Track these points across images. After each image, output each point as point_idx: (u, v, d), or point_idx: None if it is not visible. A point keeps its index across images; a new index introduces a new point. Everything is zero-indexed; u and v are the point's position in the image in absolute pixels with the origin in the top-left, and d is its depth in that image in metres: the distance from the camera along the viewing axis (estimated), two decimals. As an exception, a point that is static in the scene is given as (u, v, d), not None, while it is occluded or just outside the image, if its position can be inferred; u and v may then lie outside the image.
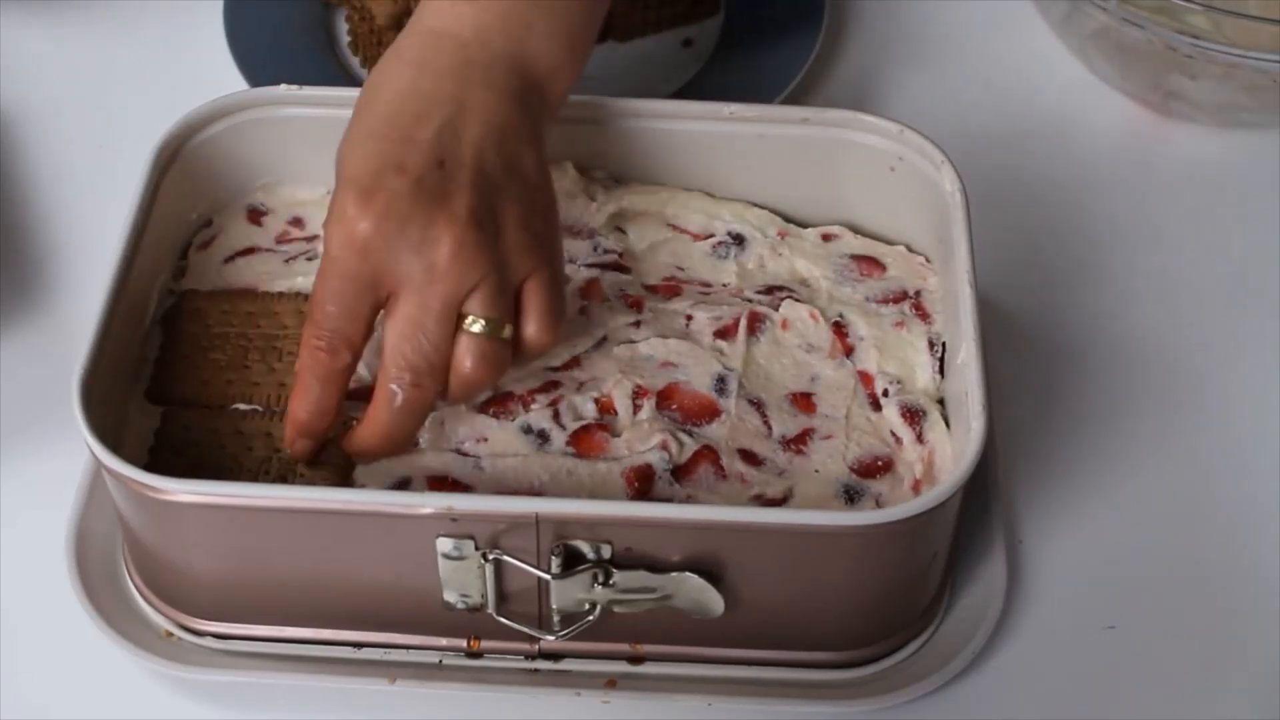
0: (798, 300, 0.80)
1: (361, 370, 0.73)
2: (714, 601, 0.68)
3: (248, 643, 0.73)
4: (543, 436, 0.74)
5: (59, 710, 0.73)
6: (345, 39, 1.02)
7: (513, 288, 0.70)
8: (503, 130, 0.71)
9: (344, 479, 0.72)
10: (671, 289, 0.81)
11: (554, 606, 0.68)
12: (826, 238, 0.83)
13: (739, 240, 0.83)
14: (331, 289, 0.69)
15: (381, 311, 0.70)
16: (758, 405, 0.76)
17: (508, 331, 0.70)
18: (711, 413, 0.75)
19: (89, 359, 0.69)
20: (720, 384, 0.76)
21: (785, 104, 0.95)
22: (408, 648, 0.73)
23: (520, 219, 0.70)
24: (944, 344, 0.77)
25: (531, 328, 0.71)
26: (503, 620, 0.70)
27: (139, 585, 0.75)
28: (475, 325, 0.69)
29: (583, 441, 0.74)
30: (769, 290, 0.81)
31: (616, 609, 0.68)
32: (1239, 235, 0.95)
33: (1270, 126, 1.00)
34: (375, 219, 0.68)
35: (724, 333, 0.78)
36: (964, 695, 0.74)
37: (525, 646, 0.72)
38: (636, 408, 0.75)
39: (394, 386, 0.69)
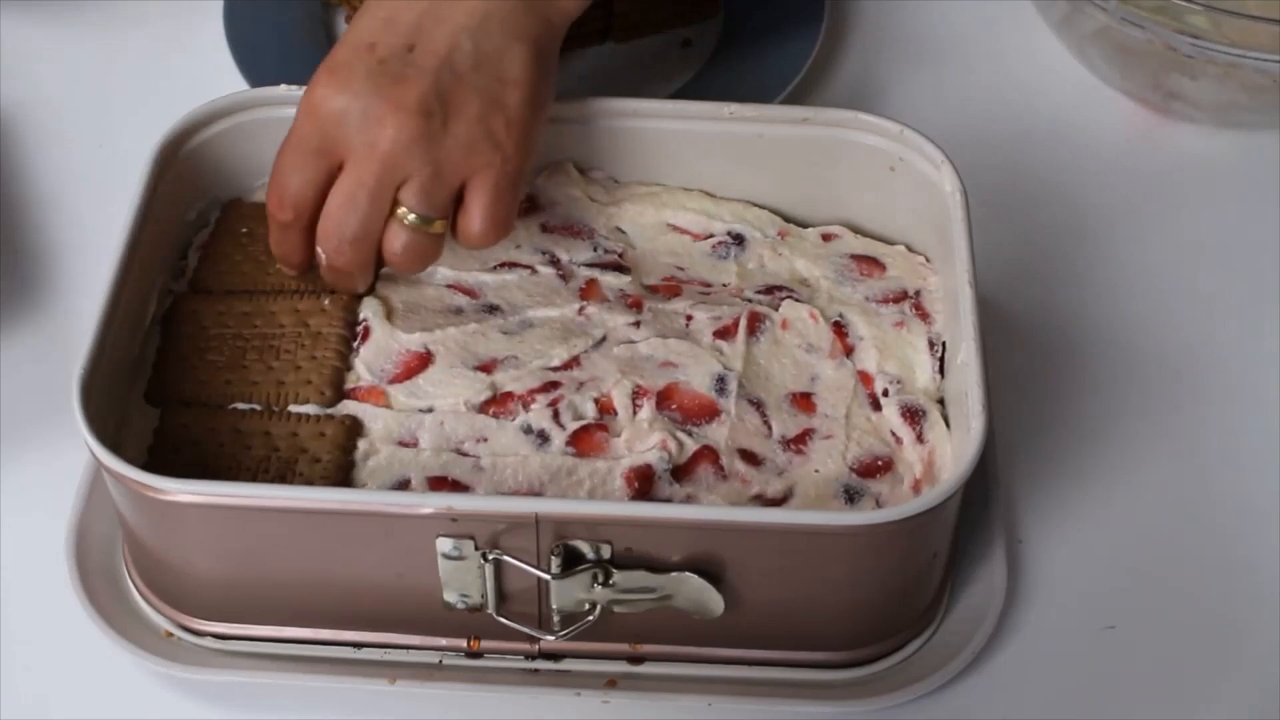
0: (798, 300, 0.80)
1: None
2: (714, 601, 0.68)
3: (248, 643, 0.73)
4: (543, 436, 0.74)
5: (59, 710, 0.73)
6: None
7: (453, 182, 0.72)
8: (489, 20, 0.71)
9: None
10: (671, 289, 0.81)
11: (554, 606, 0.68)
12: (826, 238, 0.83)
13: (739, 240, 0.83)
14: (288, 149, 0.73)
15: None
16: (757, 405, 0.76)
17: (438, 226, 0.73)
18: (711, 413, 0.75)
19: (89, 359, 0.69)
20: (720, 384, 0.76)
21: (785, 104, 0.95)
22: (408, 648, 0.73)
23: (477, 115, 0.71)
24: (944, 344, 0.77)
25: (468, 224, 0.73)
26: (503, 620, 0.70)
27: (139, 585, 0.75)
28: (407, 216, 0.72)
29: (583, 441, 0.74)
30: (769, 290, 0.81)
31: (616, 609, 0.68)
32: (1239, 235, 0.95)
33: (1270, 126, 1.00)
34: (334, 90, 0.71)
35: (724, 333, 0.78)
36: (964, 695, 0.74)
37: (525, 646, 0.72)
38: (636, 408, 0.75)
39: (320, 250, 0.74)
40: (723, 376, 0.76)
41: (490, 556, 0.67)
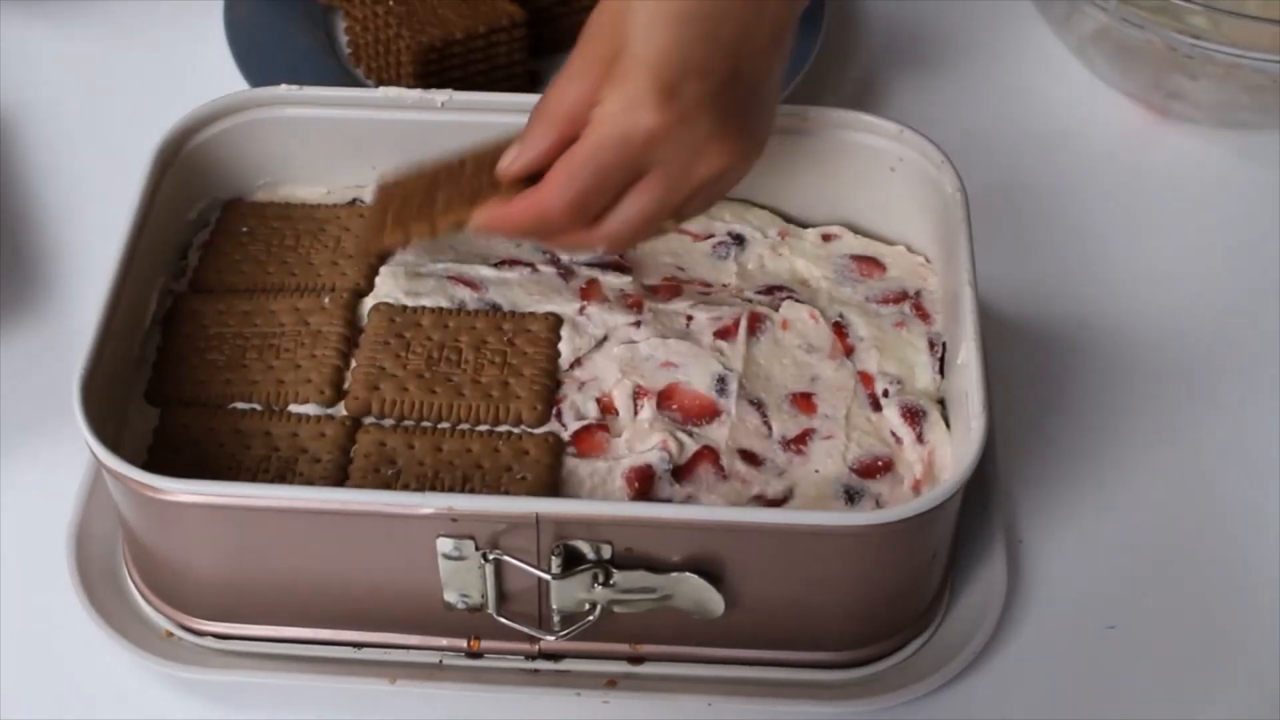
0: (798, 300, 0.80)
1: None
2: (714, 601, 0.68)
3: (248, 643, 0.73)
4: (543, 436, 0.74)
5: (59, 710, 0.73)
6: (344, 38, 1.02)
7: (679, 214, 0.72)
8: (783, 45, 0.70)
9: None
10: (672, 289, 0.81)
11: (554, 606, 0.68)
12: (826, 238, 0.83)
13: (739, 240, 0.83)
14: (592, 161, 0.68)
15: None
16: (758, 405, 0.76)
17: (670, 226, 0.73)
18: (711, 413, 0.75)
19: (89, 359, 0.69)
20: (720, 384, 0.76)
21: (785, 104, 0.95)
22: (408, 648, 0.73)
23: (756, 149, 0.71)
24: (944, 344, 0.77)
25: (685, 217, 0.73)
26: (503, 620, 0.70)
27: (139, 585, 0.75)
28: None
29: (583, 441, 0.74)
30: (769, 290, 0.81)
31: (616, 609, 0.68)
32: (1239, 235, 0.95)
33: (1270, 126, 1.00)
34: (669, 122, 0.67)
35: (724, 333, 0.78)
36: (964, 695, 0.74)
37: (525, 646, 0.72)
38: (637, 408, 0.75)
39: (607, 248, 0.74)
40: (723, 377, 0.76)
41: (490, 556, 0.67)
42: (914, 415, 0.75)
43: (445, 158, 0.78)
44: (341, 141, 0.83)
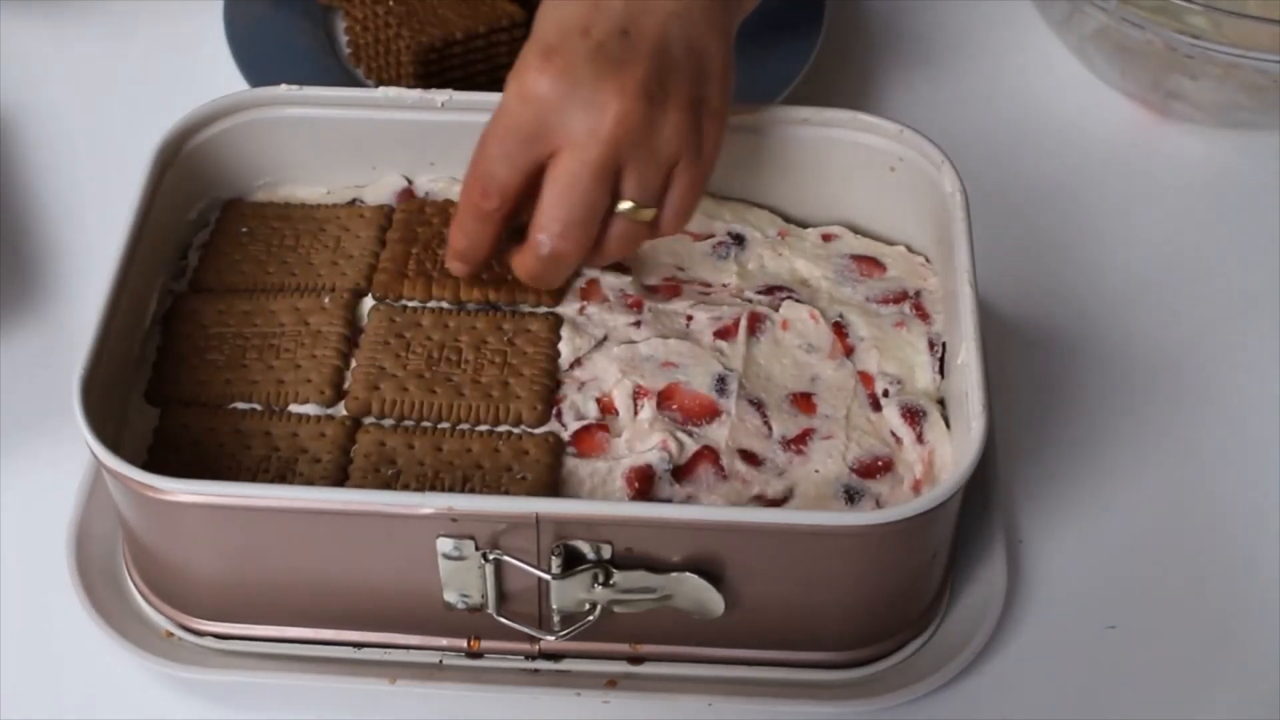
0: (798, 300, 0.80)
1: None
2: (714, 601, 0.68)
3: (248, 643, 0.73)
4: (543, 436, 0.74)
5: (59, 710, 0.73)
6: (344, 38, 1.02)
7: (667, 171, 0.71)
8: (693, 9, 0.70)
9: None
10: (671, 289, 0.81)
11: (554, 606, 0.68)
12: (826, 238, 0.83)
13: (739, 240, 0.83)
14: (497, 135, 0.71)
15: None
16: (758, 405, 0.76)
17: (648, 215, 0.72)
18: (711, 413, 0.75)
19: (89, 359, 0.69)
20: (720, 384, 0.76)
21: (785, 104, 0.95)
22: (408, 648, 0.73)
23: (688, 102, 0.70)
24: (944, 344, 0.77)
25: (667, 217, 0.73)
26: (503, 620, 0.70)
27: (139, 585, 0.75)
28: (623, 206, 0.71)
29: (583, 441, 0.74)
30: (769, 290, 0.81)
31: (616, 609, 0.68)
32: (1239, 235, 0.95)
33: (1270, 126, 1.00)
34: (551, 76, 0.69)
35: (724, 333, 0.78)
36: (964, 695, 0.74)
37: (525, 646, 0.72)
38: (637, 408, 0.75)
39: (542, 236, 0.71)
40: (723, 377, 0.76)
41: (490, 556, 0.67)
42: (914, 415, 0.75)
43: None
44: (341, 141, 0.83)
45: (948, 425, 0.75)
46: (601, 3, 0.70)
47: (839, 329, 0.79)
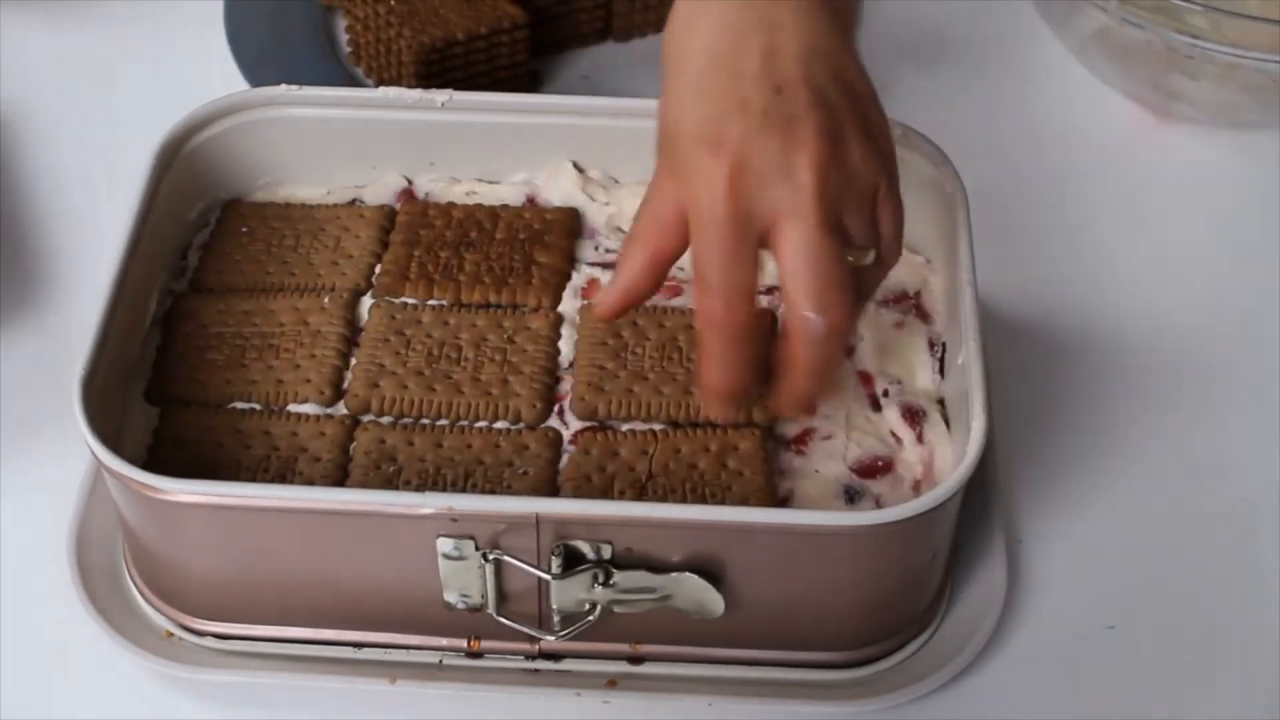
0: (798, 300, 0.79)
1: None
2: (714, 601, 0.68)
3: (248, 643, 0.73)
4: (543, 436, 0.74)
5: (59, 710, 0.73)
6: (344, 37, 1.02)
7: (870, 203, 0.67)
8: (819, 44, 0.67)
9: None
10: (672, 289, 0.81)
11: (554, 606, 0.68)
12: (826, 238, 0.83)
13: (739, 240, 0.83)
14: (711, 243, 0.65)
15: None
16: (758, 405, 0.76)
17: (870, 255, 0.68)
18: (711, 413, 0.75)
19: (89, 359, 0.69)
20: (720, 384, 0.76)
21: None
22: (408, 648, 0.73)
23: (861, 131, 0.67)
24: (944, 344, 0.77)
25: (887, 245, 0.69)
26: (503, 620, 0.70)
27: (139, 585, 0.75)
28: (855, 254, 0.67)
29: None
30: (769, 290, 0.81)
31: (616, 609, 0.68)
32: (1239, 235, 0.95)
33: (1270, 126, 1.00)
34: (734, 162, 0.65)
35: (724, 333, 0.78)
36: (964, 695, 0.74)
37: (525, 646, 0.72)
38: (637, 408, 0.75)
39: (809, 314, 0.65)
40: (723, 376, 0.76)
41: (490, 556, 0.67)
42: (914, 415, 0.75)
43: (475, 208, 0.80)
44: (341, 141, 0.83)
45: (948, 425, 0.74)
46: (739, 74, 0.66)
47: (839, 329, 0.78)
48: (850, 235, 0.66)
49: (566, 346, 0.77)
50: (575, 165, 0.83)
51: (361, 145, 0.84)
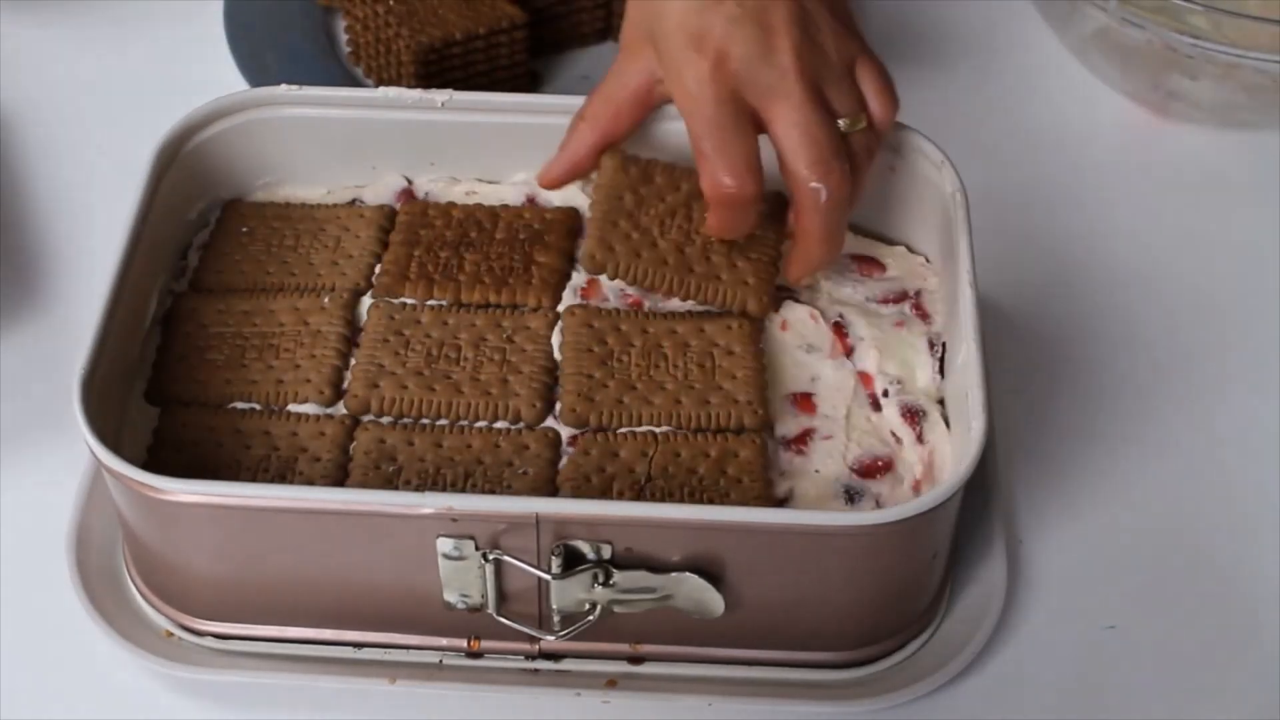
0: (798, 300, 0.80)
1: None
2: (714, 601, 0.68)
3: (248, 643, 0.73)
4: (543, 436, 0.74)
5: (59, 710, 0.73)
6: (344, 37, 1.02)
7: (850, 74, 0.73)
8: None
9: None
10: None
11: (554, 606, 0.68)
12: (826, 238, 0.83)
13: (739, 240, 0.83)
14: (708, 123, 0.72)
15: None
16: (758, 405, 0.76)
17: (864, 121, 0.73)
18: (711, 413, 0.75)
19: (89, 359, 0.69)
20: (720, 384, 0.76)
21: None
22: (408, 648, 0.73)
23: (827, 10, 0.73)
24: (944, 344, 0.77)
25: (876, 106, 0.74)
26: (503, 620, 0.70)
27: (139, 585, 0.75)
28: (845, 123, 0.72)
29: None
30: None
31: (616, 609, 0.68)
32: (1239, 235, 0.95)
33: (1270, 126, 1.00)
34: (716, 51, 0.71)
35: (724, 333, 0.78)
36: (964, 695, 0.74)
37: (525, 646, 0.72)
38: (637, 408, 0.75)
39: (815, 185, 0.72)
40: (723, 376, 0.76)
41: (490, 556, 0.67)
42: (914, 415, 0.75)
43: (475, 207, 0.81)
44: (341, 141, 0.83)
45: (948, 425, 0.74)
46: None
47: (839, 329, 0.79)
48: (836, 107, 0.72)
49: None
50: (575, 165, 0.83)
51: (361, 145, 0.84)
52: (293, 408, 0.75)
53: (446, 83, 0.94)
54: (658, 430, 0.73)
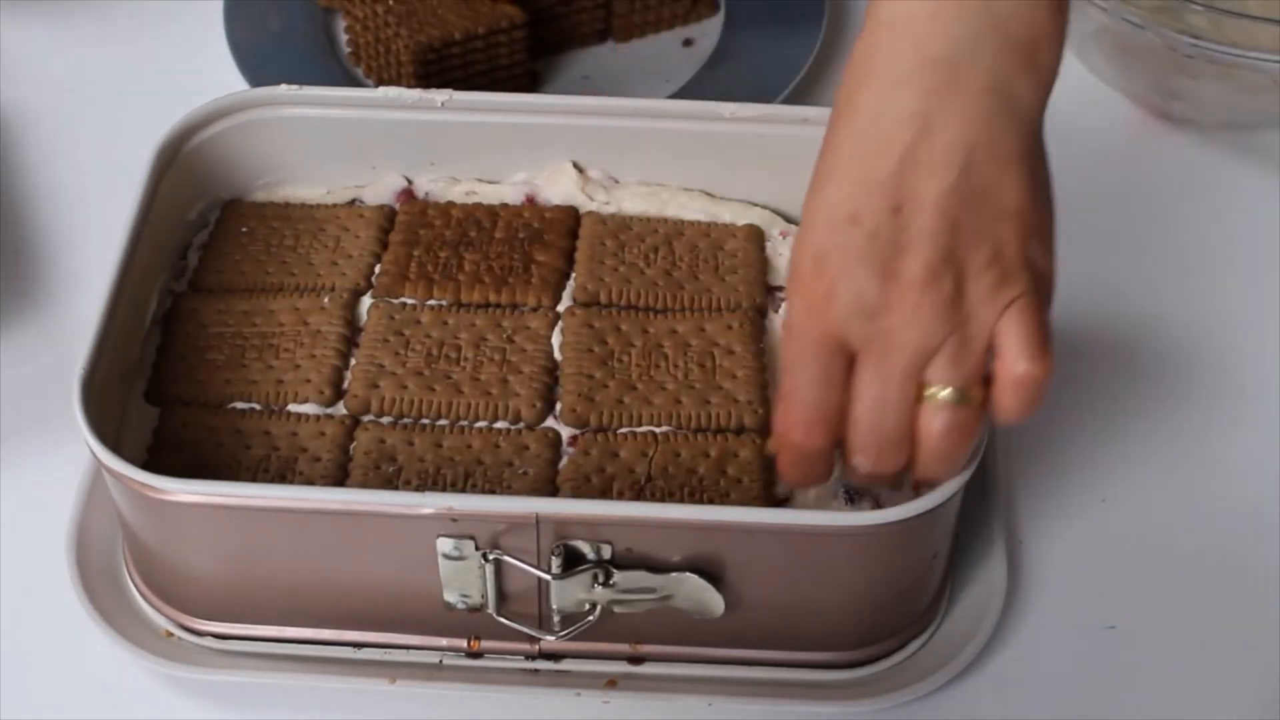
0: (798, 300, 0.79)
1: None
2: (714, 601, 0.68)
3: (248, 643, 0.73)
4: (543, 436, 0.74)
5: (59, 710, 0.73)
6: (344, 37, 1.02)
7: (983, 339, 0.62)
8: (975, 150, 0.61)
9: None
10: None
11: (554, 606, 0.68)
12: (827, 238, 0.83)
13: (739, 240, 0.83)
14: (798, 357, 0.63)
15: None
16: (758, 405, 0.76)
17: (976, 394, 0.62)
18: (711, 413, 0.75)
19: (89, 359, 0.69)
20: (720, 384, 0.76)
21: (785, 104, 0.95)
22: (408, 648, 0.73)
23: (989, 258, 0.61)
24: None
25: (1009, 370, 0.62)
26: (503, 620, 0.69)
27: (139, 585, 0.75)
28: (941, 393, 0.62)
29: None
30: (770, 290, 0.81)
31: (616, 609, 0.68)
32: (1239, 235, 0.95)
33: (1270, 126, 1.00)
34: (829, 282, 0.61)
35: (724, 333, 0.78)
36: (964, 695, 0.74)
37: (525, 647, 0.72)
38: (637, 408, 0.75)
39: (859, 459, 0.63)
40: (723, 376, 0.76)
41: (490, 556, 0.67)
42: (914, 415, 0.75)
43: (474, 207, 0.80)
44: (341, 141, 0.83)
45: (948, 425, 0.74)
46: (868, 179, 0.61)
47: (839, 329, 0.78)
48: (940, 377, 0.61)
49: (566, 346, 0.77)
50: (575, 165, 0.83)
51: (361, 145, 0.84)
52: (293, 408, 0.75)
53: (446, 83, 0.94)
54: (658, 430, 0.73)
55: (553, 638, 0.69)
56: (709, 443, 0.73)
